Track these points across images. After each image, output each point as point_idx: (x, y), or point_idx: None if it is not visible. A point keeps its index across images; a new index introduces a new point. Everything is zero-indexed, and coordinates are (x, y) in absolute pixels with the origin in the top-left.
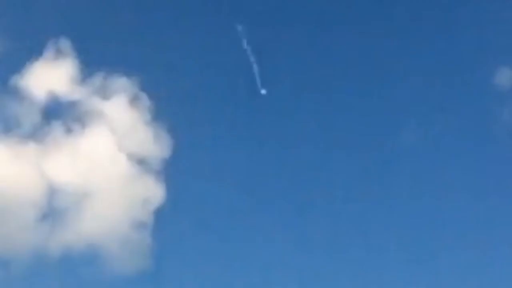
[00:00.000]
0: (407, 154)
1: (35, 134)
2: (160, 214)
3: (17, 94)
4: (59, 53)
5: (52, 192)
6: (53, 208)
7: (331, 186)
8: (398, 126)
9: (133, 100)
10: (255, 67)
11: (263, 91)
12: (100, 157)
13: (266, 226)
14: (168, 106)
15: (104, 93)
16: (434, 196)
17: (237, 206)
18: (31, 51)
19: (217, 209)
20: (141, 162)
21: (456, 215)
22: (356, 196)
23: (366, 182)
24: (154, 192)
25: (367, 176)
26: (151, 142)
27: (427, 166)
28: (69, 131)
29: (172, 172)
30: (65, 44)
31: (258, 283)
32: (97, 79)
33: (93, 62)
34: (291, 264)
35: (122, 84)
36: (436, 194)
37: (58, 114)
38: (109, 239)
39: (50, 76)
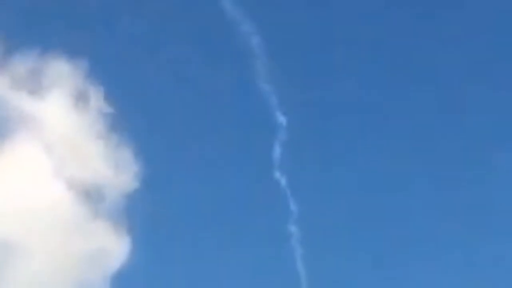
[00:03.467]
0: None
1: None
2: (121, 279)
3: None
4: None
5: None
6: None
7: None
8: None
9: (80, 99)
10: None
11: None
12: (28, 189)
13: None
14: (133, 112)
15: (35, 87)
16: None
17: (230, 266)
18: None
19: (202, 272)
20: (91, 197)
21: None
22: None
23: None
24: (111, 245)
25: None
26: (107, 167)
27: None
28: None
29: (139, 214)
30: None
31: None
32: (24, 66)
33: (20, 40)
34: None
35: (63, 73)
36: None
37: None
38: None
39: None
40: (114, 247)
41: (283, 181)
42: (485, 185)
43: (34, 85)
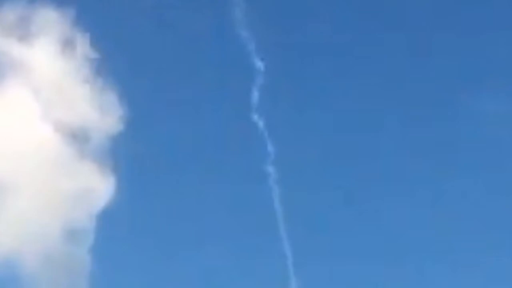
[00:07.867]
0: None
1: None
2: (106, 219)
3: None
4: None
5: None
6: None
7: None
8: None
9: (67, 45)
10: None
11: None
12: (16, 132)
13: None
14: (117, 57)
15: (24, 34)
16: None
17: (210, 204)
18: None
19: (183, 210)
20: (77, 139)
21: None
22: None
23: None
24: (97, 185)
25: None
26: (93, 110)
27: None
28: None
29: (123, 154)
30: None
31: None
32: (13, 13)
33: None
34: None
35: (51, 20)
36: None
37: None
38: (31, 254)
39: None
40: (100, 187)
41: (260, 123)
42: (452, 124)
43: (23, 32)
